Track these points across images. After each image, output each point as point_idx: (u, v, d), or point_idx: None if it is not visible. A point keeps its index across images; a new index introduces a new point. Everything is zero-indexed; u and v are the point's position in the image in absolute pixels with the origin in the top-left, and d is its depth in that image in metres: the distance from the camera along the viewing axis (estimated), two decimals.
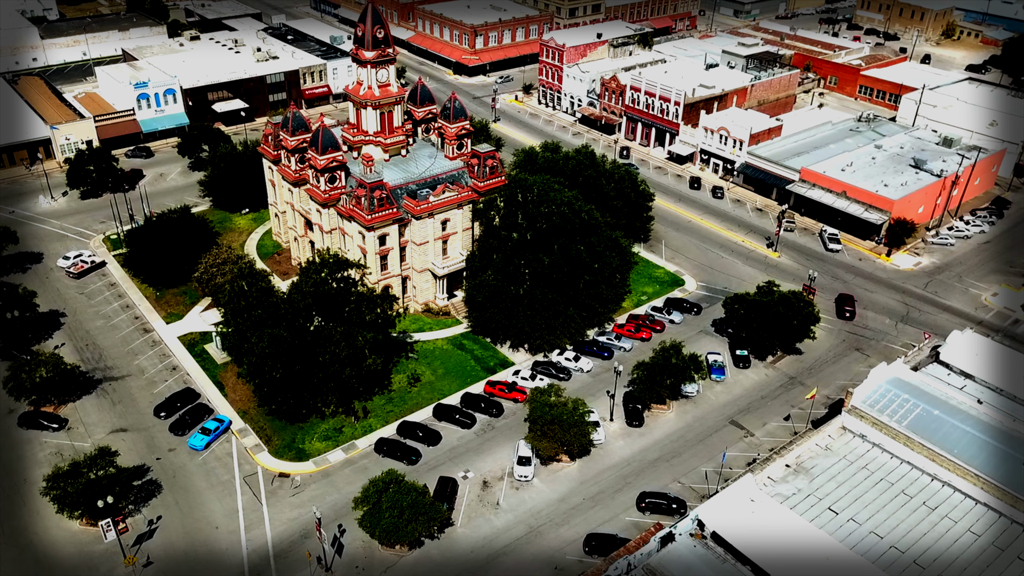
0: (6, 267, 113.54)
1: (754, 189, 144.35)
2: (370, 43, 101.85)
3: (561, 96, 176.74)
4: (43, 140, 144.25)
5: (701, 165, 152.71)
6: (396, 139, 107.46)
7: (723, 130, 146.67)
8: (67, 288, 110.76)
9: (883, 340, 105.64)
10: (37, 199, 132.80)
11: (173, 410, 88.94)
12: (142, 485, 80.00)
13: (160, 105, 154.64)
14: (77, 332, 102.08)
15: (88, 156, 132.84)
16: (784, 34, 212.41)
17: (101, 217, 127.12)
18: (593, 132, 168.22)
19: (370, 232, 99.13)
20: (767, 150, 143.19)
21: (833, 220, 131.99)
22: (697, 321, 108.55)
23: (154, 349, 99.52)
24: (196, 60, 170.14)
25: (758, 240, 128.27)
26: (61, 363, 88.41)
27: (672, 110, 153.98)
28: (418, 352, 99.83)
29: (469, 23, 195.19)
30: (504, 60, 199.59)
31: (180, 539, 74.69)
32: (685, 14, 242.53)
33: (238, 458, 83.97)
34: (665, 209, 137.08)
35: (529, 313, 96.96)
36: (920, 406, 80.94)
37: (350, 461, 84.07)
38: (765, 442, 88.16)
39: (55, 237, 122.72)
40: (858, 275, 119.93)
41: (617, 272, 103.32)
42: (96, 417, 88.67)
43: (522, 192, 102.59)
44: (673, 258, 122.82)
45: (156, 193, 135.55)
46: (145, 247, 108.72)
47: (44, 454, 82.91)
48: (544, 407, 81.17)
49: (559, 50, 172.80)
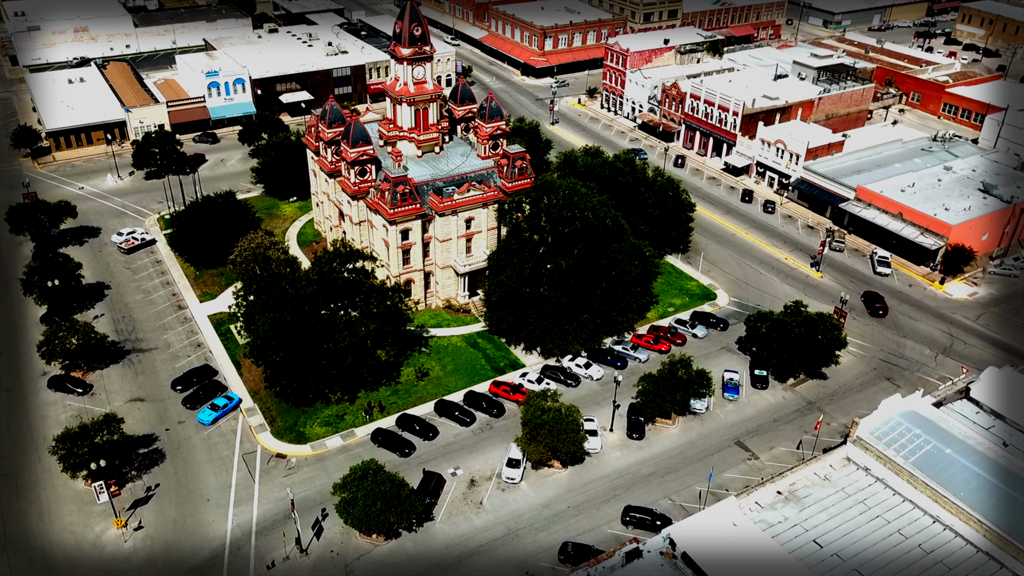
0: (65, 239, 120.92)
1: (808, 206, 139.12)
2: (407, 40, 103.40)
3: (623, 101, 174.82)
4: (119, 122, 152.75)
5: (756, 178, 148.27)
6: (429, 136, 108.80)
7: (780, 143, 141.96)
8: (116, 262, 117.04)
9: (918, 371, 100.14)
10: (105, 177, 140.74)
11: (189, 385, 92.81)
12: (148, 453, 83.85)
13: (229, 93, 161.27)
14: (117, 304, 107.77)
15: (155, 139, 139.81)
16: (869, 46, 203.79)
17: (160, 197, 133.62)
18: (652, 139, 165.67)
19: (392, 226, 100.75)
20: (825, 166, 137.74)
21: (888, 243, 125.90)
22: (721, 337, 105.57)
23: (184, 325, 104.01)
24: (270, 52, 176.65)
25: (802, 258, 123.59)
26: (92, 332, 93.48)
27: (730, 120, 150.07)
28: (431, 347, 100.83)
29: (539, 25, 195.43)
30: (572, 63, 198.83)
31: (172, 508, 77.93)
32: (769, 23, 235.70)
33: (241, 436, 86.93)
34: (710, 221, 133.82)
35: (542, 316, 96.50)
36: (931, 443, 76.41)
37: (346, 448, 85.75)
38: (768, 467, 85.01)
39: (115, 214, 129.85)
40: (904, 301, 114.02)
41: (638, 281, 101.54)
42: (119, 385, 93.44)
43: (547, 195, 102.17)
44: (709, 271, 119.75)
45: (214, 177, 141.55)
46: (189, 228, 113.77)
47: (65, 416, 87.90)
48: (537, 411, 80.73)
49: (623, 55, 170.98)
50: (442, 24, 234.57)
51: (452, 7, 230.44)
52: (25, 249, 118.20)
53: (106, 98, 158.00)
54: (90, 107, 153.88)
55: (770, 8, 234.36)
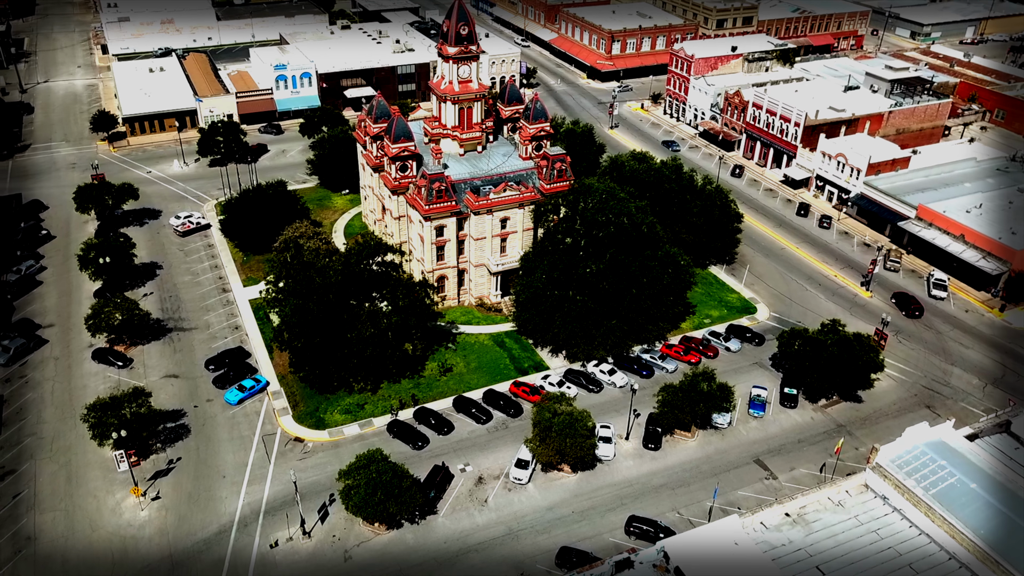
0: (127, 219, 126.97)
1: (867, 223, 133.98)
2: (453, 39, 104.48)
3: (685, 107, 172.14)
4: (190, 111, 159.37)
5: (815, 192, 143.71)
6: (472, 135, 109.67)
7: (840, 156, 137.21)
8: (171, 244, 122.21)
9: (963, 401, 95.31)
10: (172, 163, 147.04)
11: (221, 365, 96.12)
12: (175, 428, 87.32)
13: (296, 87, 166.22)
14: (166, 284, 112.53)
15: (220, 128, 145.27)
16: (955, 60, 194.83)
17: (221, 184, 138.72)
18: (712, 147, 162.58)
19: (427, 222, 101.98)
20: (887, 182, 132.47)
21: (947, 265, 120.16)
22: (755, 352, 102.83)
23: (225, 308, 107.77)
24: (339, 47, 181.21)
25: (853, 276, 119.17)
26: (136, 309, 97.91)
27: (791, 131, 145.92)
28: (458, 343, 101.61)
29: (607, 28, 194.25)
30: (639, 68, 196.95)
31: (189, 481, 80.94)
32: (851, 32, 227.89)
33: (264, 417, 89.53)
34: (760, 233, 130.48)
35: (568, 319, 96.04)
36: (956, 476, 72.53)
37: (362, 436, 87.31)
38: (786, 488, 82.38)
39: (176, 198, 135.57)
40: (957, 327, 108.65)
41: (669, 290, 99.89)
42: (156, 361, 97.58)
43: (583, 198, 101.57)
44: (753, 284, 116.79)
45: (274, 167, 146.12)
46: (239, 215, 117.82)
47: (104, 386, 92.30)
48: (548, 413, 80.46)
49: (687, 60, 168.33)
50: (514, 25, 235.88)
51: (525, 8, 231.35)
52: (90, 227, 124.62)
53: (181, 87, 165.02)
54: (165, 95, 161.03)
55: (852, 18, 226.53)
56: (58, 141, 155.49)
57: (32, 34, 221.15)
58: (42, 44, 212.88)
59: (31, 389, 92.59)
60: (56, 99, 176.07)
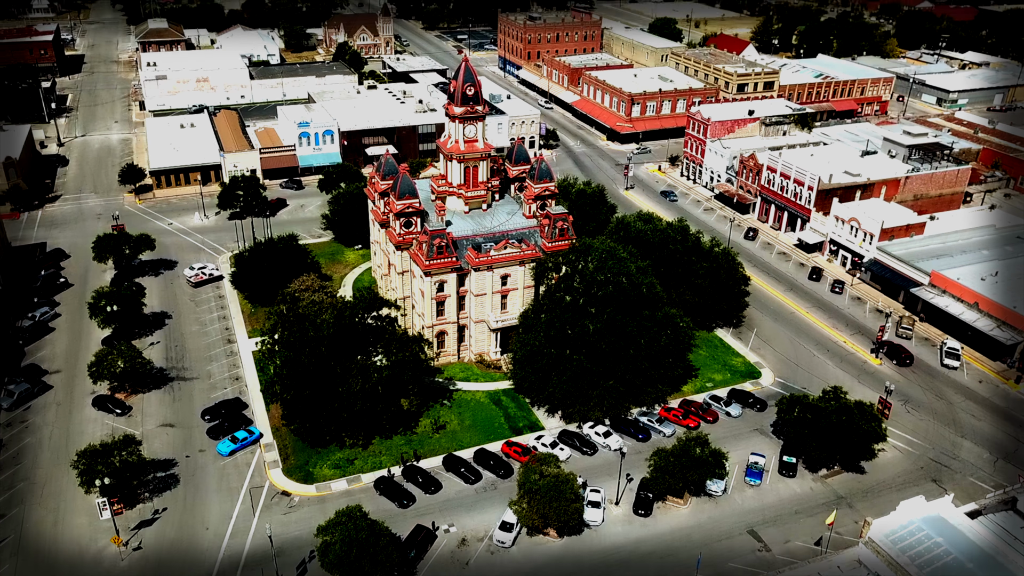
0: (143, 269, 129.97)
1: (881, 288, 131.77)
2: (459, 99, 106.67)
3: (701, 170, 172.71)
4: (215, 165, 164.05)
5: (829, 256, 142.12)
6: (477, 193, 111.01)
7: (854, 221, 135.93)
8: (184, 294, 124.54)
9: (972, 475, 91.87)
10: (194, 215, 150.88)
11: (217, 415, 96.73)
12: (164, 477, 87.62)
13: (318, 144, 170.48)
14: (174, 333, 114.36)
15: (241, 182, 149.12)
16: (979, 127, 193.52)
17: (237, 237, 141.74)
18: (727, 209, 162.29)
19: (427, 277, 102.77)
20: (901, 247, 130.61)
21: (962, 334, 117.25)
22: (757, 418, 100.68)
23: (228, 358, 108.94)
24: (364, 106, 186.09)
25: (863, 343, 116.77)
26: (138, 358, 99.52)
27: (805, 194, 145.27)
28: (454, 400, 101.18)
29: (627, 91, 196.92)
30: (658, 130, 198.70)
31: (172, 532, 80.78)
32: (875, 98, 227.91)
33: (254, 470, 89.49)
34: (770, 296, 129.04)
35: (564, 378, 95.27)
36: (952, 554, 69.67)
37: (349, 492, 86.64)
38: (779, 561, 79.50)
39: (194, 249, 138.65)
40: (969, 398, 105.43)
41: (668, 351, 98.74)
42: (155, 409, 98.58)
43: (583, 256, 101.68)
44: (759, 348, 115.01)
45: (291, 221, 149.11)
46: (250, 267, 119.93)
47: (101, 433, 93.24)
48: (534, 474, 79.31)
49: (704, 123, 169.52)
50: (538, 87, 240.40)
51: (549, 71, 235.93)
52: (108, 276, 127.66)
53: (208, 142, 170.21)
54: (192, 150, 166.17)
55: (876, 84, 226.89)
56: (87, 192, 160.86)
57: (77, 90, 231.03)
58: (84, 100, 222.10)
59: (30, 434, 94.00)
60: (91, 152, 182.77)
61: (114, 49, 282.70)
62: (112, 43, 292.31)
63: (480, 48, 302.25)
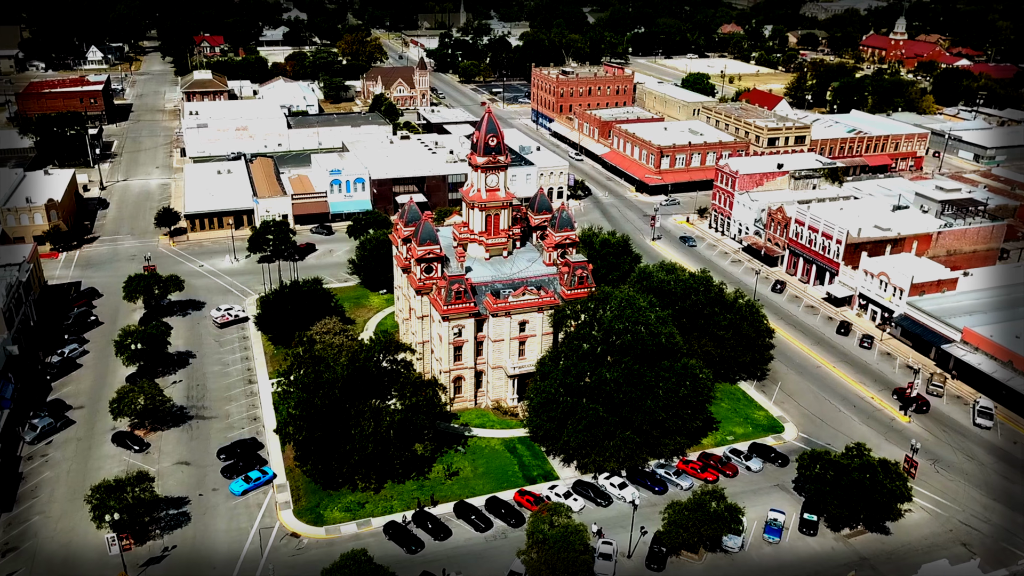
0: (171, 309, 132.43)
1: (912, 345, 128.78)
2: (482, 149, 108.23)
3: (729, 222, 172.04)
4: (248, 210, 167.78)
5: (858, 311, 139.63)
6: (498, 240, 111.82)
7: (883, 275, 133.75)
8: (209, 334, 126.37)
9: (1005, 542, 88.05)
10: (224, 258, 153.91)
11: (232, 455, 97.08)
12: (176, 515, 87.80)
13: (349, 191, 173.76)
14: (196, 372, 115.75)
15: (271, 227, 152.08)
16: (1017, 183, 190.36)
17: (267, 280, 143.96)
18: (755, 262, 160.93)
19: (445, 322, 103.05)
20: (932, 303, 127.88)
21: (996, 393, 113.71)
22: (778, 473, 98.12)
23: (248, 399, 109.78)
24: (396, 155, 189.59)
25: (892, 400, 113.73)
26: (159, 396, 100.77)
27: (833, 248, 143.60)
28: (469, 447, 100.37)
29: (657, 143, 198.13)
30: (687, 182, 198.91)
31: (179, 570, 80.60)
32: (909, 154, 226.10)
33: (265, 510, 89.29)
34: (796, 350, 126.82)
35: (579, 427, 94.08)
36: None
37: (358, 536, 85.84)
38: None
39: (222, 291, 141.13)
40: (1003, 459, 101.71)
41: (686, 403, 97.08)
42: (172, 447, 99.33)
43: (601, 305, 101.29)
44: (783, 402, 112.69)
45: (319, 266, 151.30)
46: (274, 310, 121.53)
47: (118, 469, 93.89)
48: (543, 524, 77.92)
49: (732, 176, 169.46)
50: (569, 140, 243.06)
51: (581, 124, 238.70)
52: (137, 315, 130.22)
53: (243, 188, 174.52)
54: (227, 195, 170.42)
55: (911, 139, 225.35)
56: (124, 234, 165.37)
57: (122, 137, 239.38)
58: (128, 146, 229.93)
59: (49, 468, 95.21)
60: (130, 196, 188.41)
61: (161, 99, 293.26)
62: (159, 93, 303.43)
63: (514, 101, 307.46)
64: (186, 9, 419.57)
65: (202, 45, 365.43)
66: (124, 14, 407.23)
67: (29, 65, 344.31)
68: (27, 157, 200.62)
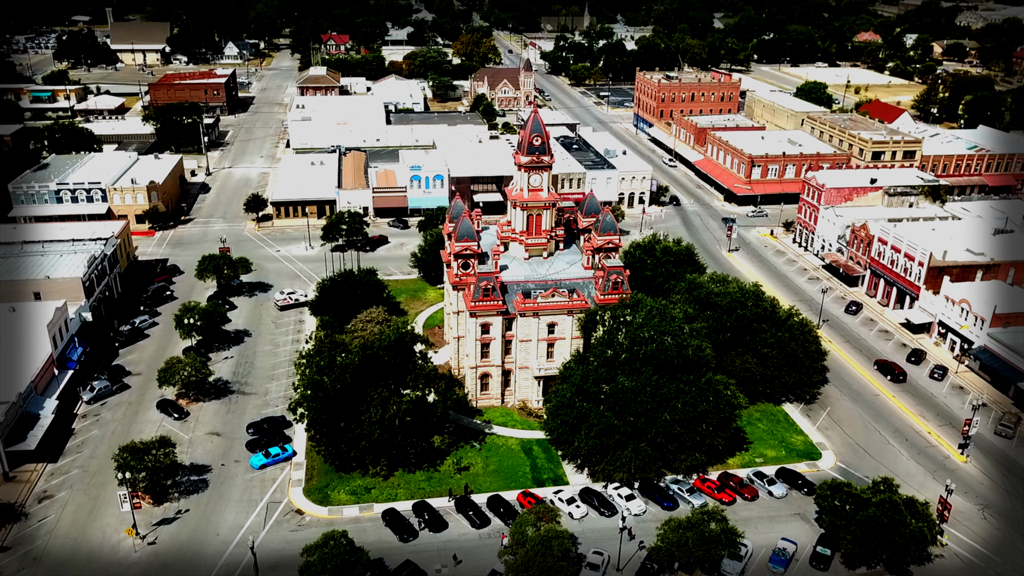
0: (240, 289, 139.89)
1: (990, 380, 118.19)
2: (526, 149, 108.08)
3: (813, 237, 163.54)
4: (330, 200, 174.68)
5: (936, 339, 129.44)
6: (538, 240, 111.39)
7: (964, 302, 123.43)
8: (268, 316, 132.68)
9: None
10: (300, 245, 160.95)
11: (260, 430, 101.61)
12: (196, 482, 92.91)
13: (428, 187, 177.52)
14: (248, 350, 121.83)
15: (347, 218, 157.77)
16: None
17: (332, 268, 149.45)
18: (834, 280, 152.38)
19: (472, 318, 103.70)
20: (1016, 336, 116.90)
21: None
22: (802, 502, 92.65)
23: (289, 379, 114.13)
24: (481, 154, 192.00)
25: (951, 437, 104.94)
26: (202, 369, 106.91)
27: (915, 270, 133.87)
28: (485, 443, 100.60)
29: (748, 153, 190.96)
30: (778, 194, 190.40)
31: (186, 533, 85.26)
32: None
33: (278, 486, 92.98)
34: (856, 375, 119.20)
35: (591, 434, 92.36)
36: None
37: (357, 519, 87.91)
38: None
39: (291, 276, 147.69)
40: None
41: (706, 419, 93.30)
42: (208, 418, 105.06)
43: (632, 311, 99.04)
44: (827, 428, 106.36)
45: (388, 258, 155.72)
46: (329, 296, 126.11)
47: (156, 433, 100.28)
48: (526, 525, 77.22)
49: (818, 189, 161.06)
50: (665, 145, 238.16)
51: (678, 130, 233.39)
52: (208, 293, 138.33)
53: (330, 180, 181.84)
54: (313, 185, 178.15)
55: None
56: (217, 218, 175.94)
57: (238, 128, 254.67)
58: (241, 136, 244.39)
59: (98, 427, 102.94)
60: (231, 182, 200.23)
61: (282, 93, 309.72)
62: (281, 88, 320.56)
63: (620, 105, 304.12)
64: (319, 9, 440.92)
65: (328, 43, 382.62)
66: (263, 12, 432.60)
67: (173, 59, 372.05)
68: (147, 143, 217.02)
